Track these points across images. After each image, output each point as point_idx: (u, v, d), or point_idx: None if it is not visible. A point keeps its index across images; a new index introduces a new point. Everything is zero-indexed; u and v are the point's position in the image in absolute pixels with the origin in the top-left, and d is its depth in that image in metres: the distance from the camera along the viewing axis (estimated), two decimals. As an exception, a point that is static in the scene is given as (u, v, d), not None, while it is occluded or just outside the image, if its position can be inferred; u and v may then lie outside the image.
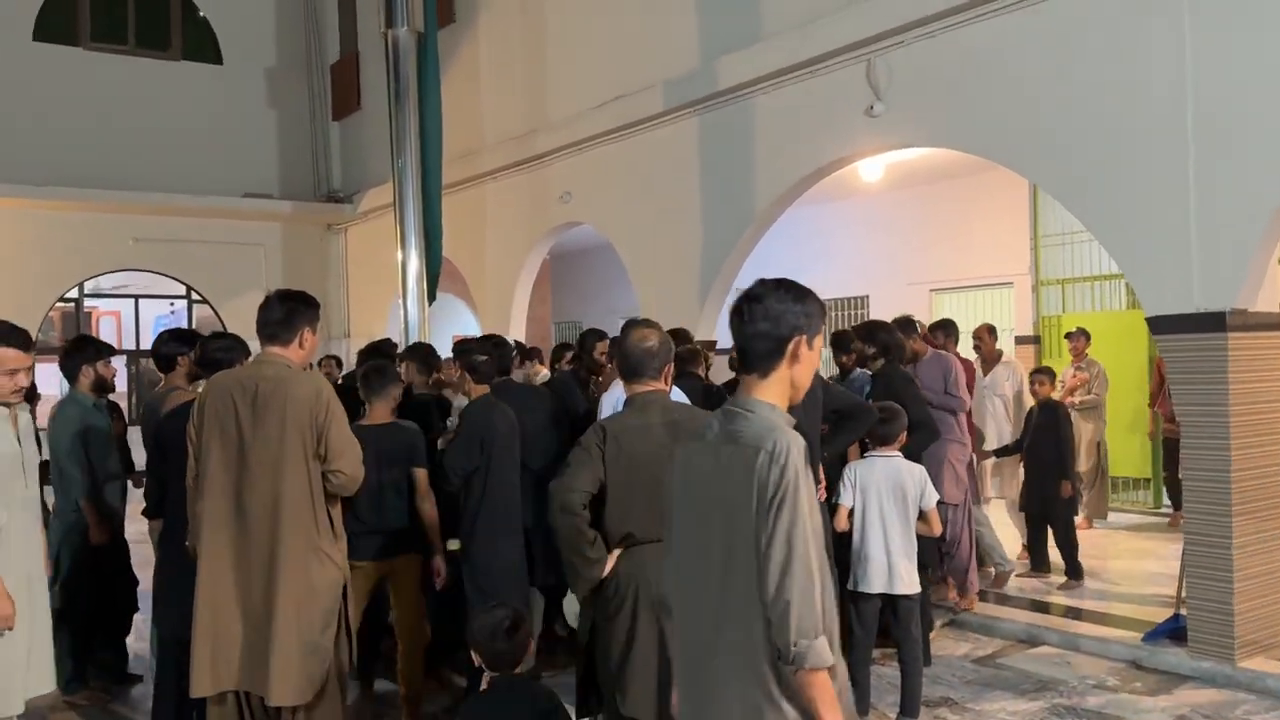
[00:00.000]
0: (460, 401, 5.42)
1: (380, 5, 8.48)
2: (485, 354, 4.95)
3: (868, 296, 11.77)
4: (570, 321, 16.02)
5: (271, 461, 3.37)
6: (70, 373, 5.10)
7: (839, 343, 5.91)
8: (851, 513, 4.50)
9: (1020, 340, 10.35)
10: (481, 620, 3.00)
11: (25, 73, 12.33)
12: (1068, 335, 8.47)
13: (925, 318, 11.08)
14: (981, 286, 10.78)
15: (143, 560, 5.09)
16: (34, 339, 3.81)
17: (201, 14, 13.76)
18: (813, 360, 2.22)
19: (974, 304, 10.90)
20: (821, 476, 4.64)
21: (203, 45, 13.75)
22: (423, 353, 5.87)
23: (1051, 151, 5.67)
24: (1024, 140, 5.82)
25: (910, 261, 11.15)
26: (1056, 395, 7.38)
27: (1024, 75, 5.75)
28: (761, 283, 2.25)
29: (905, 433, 4.65)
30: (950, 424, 6.05)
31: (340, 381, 7.05)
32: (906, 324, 6.28)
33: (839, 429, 4.79)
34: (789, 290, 2.21)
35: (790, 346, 2.17)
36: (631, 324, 3.49)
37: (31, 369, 3.71)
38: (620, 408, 4.36)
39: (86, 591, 5.01)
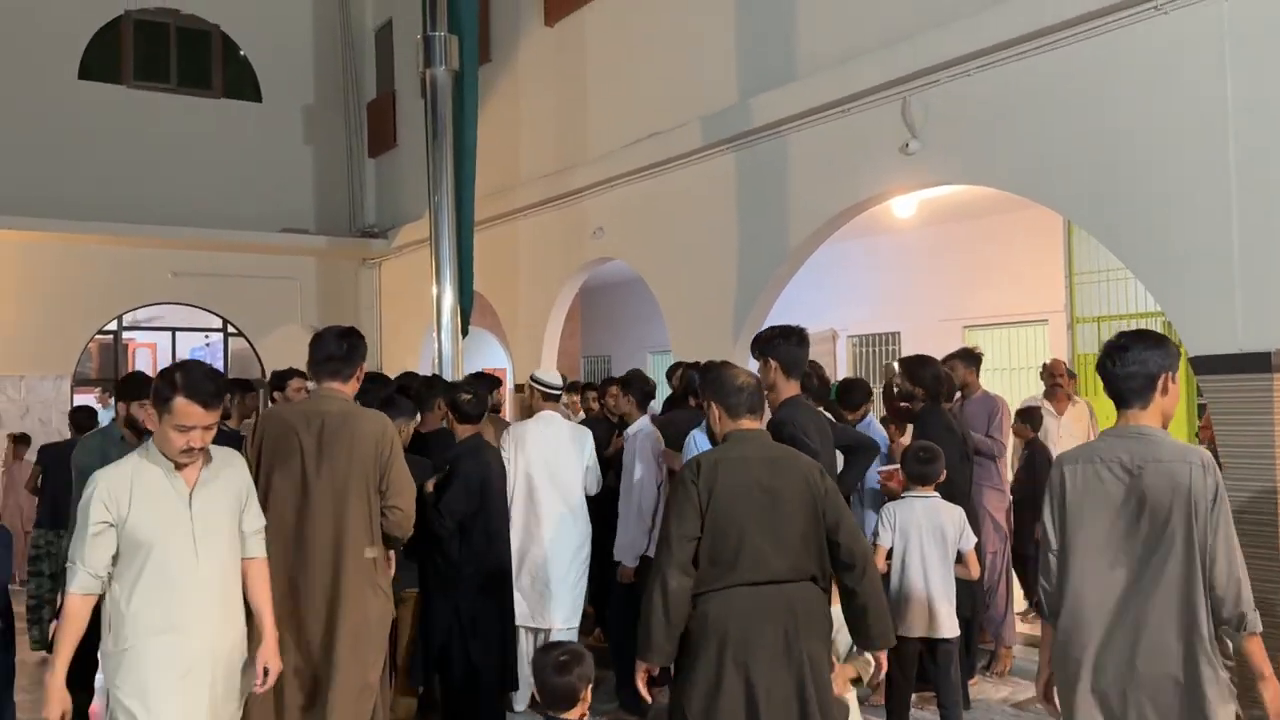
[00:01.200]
0: None
1: (418, 45, 8.61)
2: (470, 393, 4.88)
3: (899, 333, 11.71)
4: (600, 356, 16.04)
5: (335, 494, 3.40)
6: (117, 406, 5.15)
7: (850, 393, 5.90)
8: (890, 553, 4.45)
9: (1055, 378, 10.25)
10: (539, 656, 2.97)
11: (71, 110, 12.61)
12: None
13: (959, 354, 11.04)
14: (1016, 324, 10.71)
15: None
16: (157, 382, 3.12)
17: (242, 53, 14.04)
18: (1176, 393, 2.76)
19: (1008, 341, 10.83)
20: None
21: (243, 83, 14.02)
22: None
23: (1089, 189, 5.64)
24: (1061, 178, 5.80)
25: (943, 298, 11.10)
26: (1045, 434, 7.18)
27: (1061, 113, 5.74)
28: (1123, 334, 2.82)
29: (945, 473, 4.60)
30: (990, 469, 5.90)
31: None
32: (968, 356, 6.20)
33: (847, 465, 4.75)
34: (1149, 337, 2.78)
35: (1160, 381, 2.73)
36: (724, 364, 3.65)
37: (211, 429, 3.12)
38: (698, 445, 4.40)
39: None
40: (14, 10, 12.29)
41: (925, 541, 4.37)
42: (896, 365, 5.96)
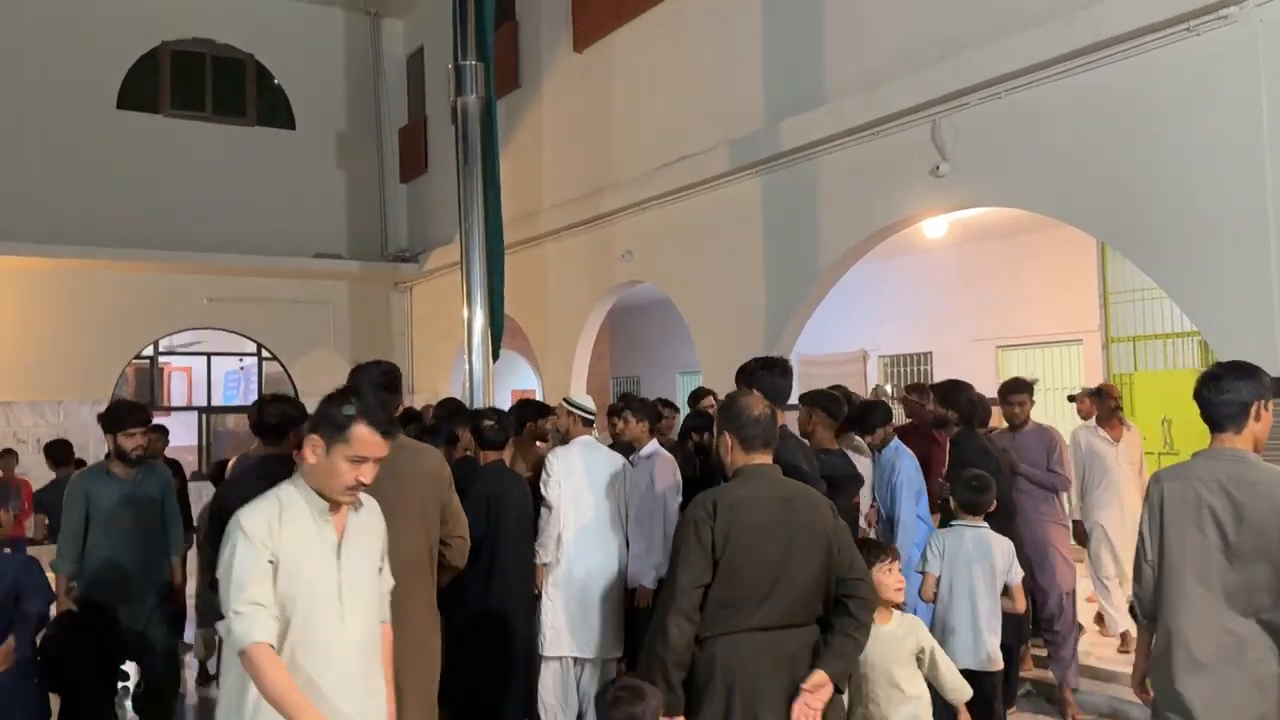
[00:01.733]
0: None
1: (449, 74, 8.71)
2: (493, 420, 4.95)
3: (930, 353, 11.65)
4: (628, 376, 16.06)
5: (402, 527, 3.42)
6: (106, 438, 5.03)
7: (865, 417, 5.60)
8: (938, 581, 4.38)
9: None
10: (608, 690, 2.89)
11: (109, 140, 12.85)
12: (1072, 398, 8.00)
13: (990, 375, 10.95)
14: (1049, 343, 10.62)
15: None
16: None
17: (276, 81, 14.25)
18: (1268, 420, 2.97)
19: (1041, 361, 10.73)
20: None
21: (277, 111, 14.23)
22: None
23: (1123, 211, 5.60)
24: (1094, 200, 5.76)
25: (975, 318, 11.04)
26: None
27: (1093, 135, 5.71)
28: (1219, 365, 3.08)
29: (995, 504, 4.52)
30: (1053, 504, 5.74)
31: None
32: (1019, 385, 5.93)
33: (832, 497, 4.66)
34: (1243, 368, 3.01)
35: (1253, 409, 2.96)
36: (740, 393, 3.44)
37: (378, 464, 2.81)
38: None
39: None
40: (55, 43, 12.57)
41: (974, 572, 4.28)
42: (888, 387, 5.91)
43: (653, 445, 5.61)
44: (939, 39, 6.56)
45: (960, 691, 3.61)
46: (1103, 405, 6.74)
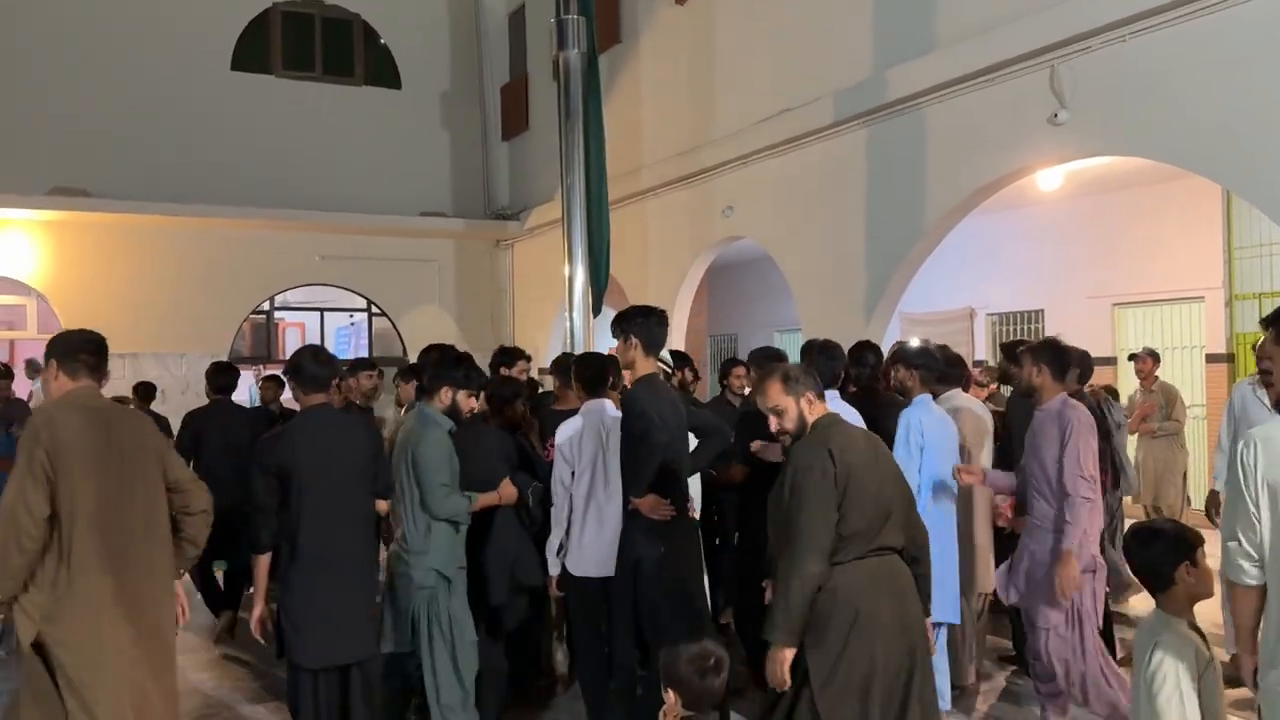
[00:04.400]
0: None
1: (551, 29, 8.72)
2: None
3: (1043, 311, 11.27)
4: (726, 334, 16.00)
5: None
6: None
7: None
8: None
9: (1211, 359, 9.71)
10: (683, 656, 2.73)
11: (224, 101, 13.27)
12: (1132, 357, 7.60)
13: (1106, 334, 10.59)
14: (1169, 301, 10.17)
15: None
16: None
17: (382, 41, 14.50)
18: None
19: (1161, 319, 10.30)
20: (690, 494, 4.49)
21: (383, 71, 14.48)
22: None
23: (1251, 159, 5.31)
24: (1220, 147, 5.47)
25: (1090, 274, 10.63)
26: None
27: (1221, 80, 5.41)
28: None
29: None
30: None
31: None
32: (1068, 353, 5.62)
33: (698, 447, 4.59)
34: None
35: None
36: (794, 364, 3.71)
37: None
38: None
39: None
40: (173, 7, 13.00)
41: None
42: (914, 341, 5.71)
43: None
44: (1058, -20, 6.28)
45: None
46: None
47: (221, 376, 6.88)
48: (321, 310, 14.35)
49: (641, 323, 4.31)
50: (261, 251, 13.09)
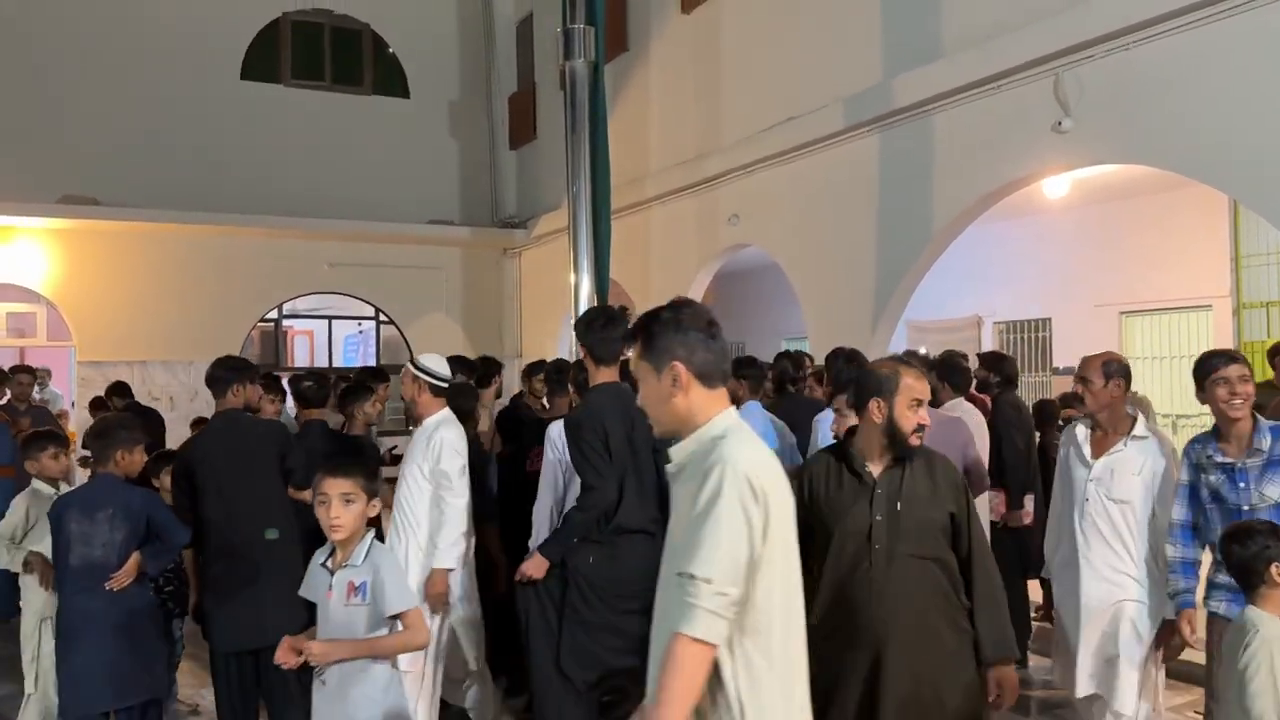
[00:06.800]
0: None
1: (558, 38, 8.75)
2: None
3: (1050, 319, 11.26)
4: (734, 342, 15.99)
5: None
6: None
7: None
8: None
9: (1220, 366, 9.67)
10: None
11: (234, 110, 13.35)
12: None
13: (1113, 343, 10.54)
14: (1176, 309, 10.15)
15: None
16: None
17: (391, 51, 14.57)
18: None
19: (1168, 328, 10.28)
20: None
21: (392, 81, 14.55)
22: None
23: (1257, 167, 5.31)
24: (1226, 156, 5.47)
25: (1097, 282, 10.60)
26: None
27: (1227, 88, 5.41)
28: None
29: None
30: None
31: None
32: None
33: None
34: None
35: None
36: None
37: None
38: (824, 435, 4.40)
39: None
40: (182, 17, 13.08)
41: None
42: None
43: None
44: (1063, -11, 6.29)
45: None
46: None
47: None
48: (330, 318, 14.40)
49: (583, 330, 4.13)
50: (270, 259, 13.14)
